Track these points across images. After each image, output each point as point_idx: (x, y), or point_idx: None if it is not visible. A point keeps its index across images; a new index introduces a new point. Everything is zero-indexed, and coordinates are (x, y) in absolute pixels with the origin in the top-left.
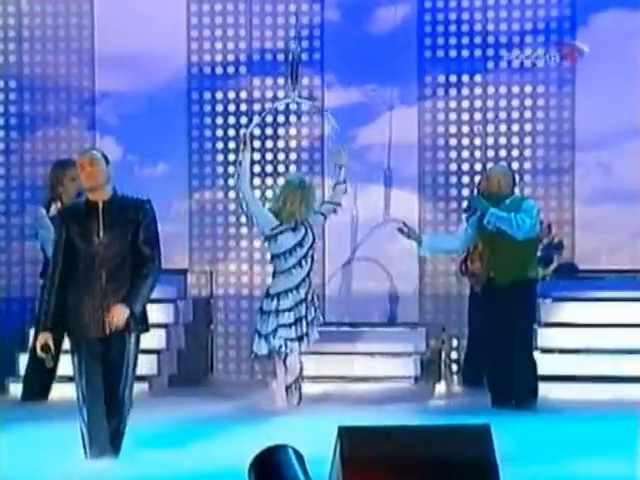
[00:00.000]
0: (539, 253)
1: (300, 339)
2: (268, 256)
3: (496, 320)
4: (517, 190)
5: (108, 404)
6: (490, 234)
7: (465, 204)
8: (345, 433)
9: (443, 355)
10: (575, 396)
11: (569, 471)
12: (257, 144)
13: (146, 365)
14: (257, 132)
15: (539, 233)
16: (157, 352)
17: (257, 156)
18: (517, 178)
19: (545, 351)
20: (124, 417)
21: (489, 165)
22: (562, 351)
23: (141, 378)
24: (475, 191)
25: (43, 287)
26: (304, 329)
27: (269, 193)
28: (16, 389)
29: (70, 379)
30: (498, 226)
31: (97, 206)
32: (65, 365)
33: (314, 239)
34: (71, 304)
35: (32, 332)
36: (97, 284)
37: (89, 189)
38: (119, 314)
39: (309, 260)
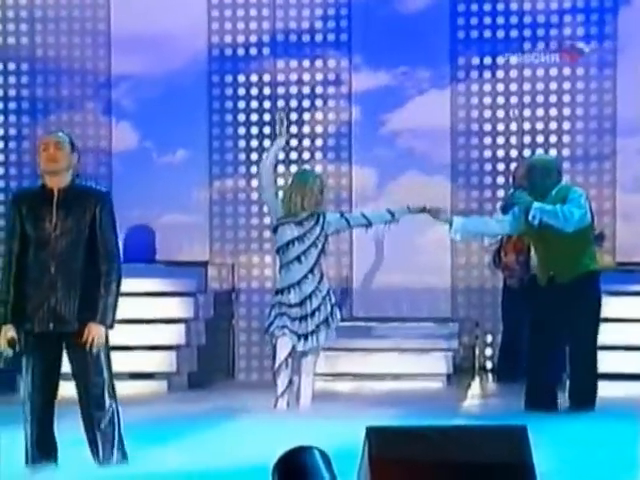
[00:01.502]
0: None
1: (305, 337)
2: None
3: (559, 319)
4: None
5: (84, 408)
6: (540, 230)
7: (504, 200)
8: (373, 433)
9: (477, 352)
10: (611, 394)
11: (612, 473)
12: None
13: (164, 362)
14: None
15: (591, 221)
16: (176, 348)
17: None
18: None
19: None
20: (112, 419)
21: (525, 152)
22: (603, 348)
23: (159, 375)
24: (510, 180)
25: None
26: (309, 327)
27: None
28: None
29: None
30: (545, 221)
31: (52, 193)
32: (66, 362)
33: (323, 236)
34: (19, 294)
35: None
36: (46, 275)
37: (47, 172)
38: (97, 334)
39: (311, 257)
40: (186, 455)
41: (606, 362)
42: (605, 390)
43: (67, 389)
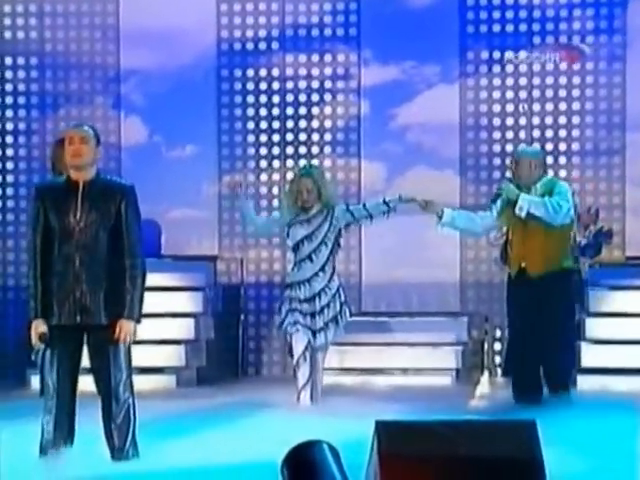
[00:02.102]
0: (585, 241)
1: (314, 334)
2: None
3: (531, 312)
4: (550, 172)
5: (102, 401)
6: (520, 221)
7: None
8: (382, 428)
9: (486, 346)
10: (623, 388)
11: (616, 467)
12: (290, 124)
13: (173, 357)
14: (290, 111)
15: (574, 218)
16: (185, 343)
17: (290, 137)
18: (549, 159)
19: (593, 342)
20: (128, 414)
21: (535, 146)
22: (611, 342)
23: (168, 370)
24: (509, 174)
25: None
26: (317, 325)
27: None
28: (37, 382)
29: (88, 371)
30: (532, 212)
31: (77, 186)
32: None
33: (332, 232)
34: (45, 288)
35: None
36: (70, 268)
37: (73, 167)
38: (128, 330)
39: (321, 254)
40: (194, 450)
41: (615, 356)
42: (613, 385)
43: (87, 381)
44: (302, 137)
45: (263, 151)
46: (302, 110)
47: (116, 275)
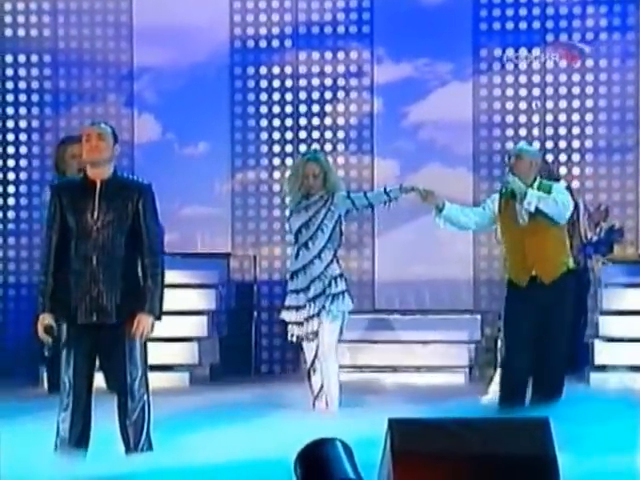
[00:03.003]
0: (596, 238)
1: (303, 323)
2: None
3: (535, 318)
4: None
5: (118, 398)
6: (516, 223)
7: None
8: (396, 426)
9: (499, 344)
10: (637, 386)
11: (630, 464)
12: (303, 121)
13: (186, 354)
14: (303, 109)
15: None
16: (198, 340)
17: (303, 134)
18: (562, 156)
19: (606, 339)
20: (143, 410)
21: (548, 144)
22: (625, 340)
23: (181, 367)
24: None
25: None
26: (310, 311)
27: None
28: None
29: (104, 368)
30: (541, 208)
31: (95, 185)
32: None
33: (330, 219)
34: (62, 286)
35: None
36: (88, 267)
37: (90, 163)
38: (146, 325)
39: (318, 241)
40: (207, 447)
41: (629, 354)
42: (627, 382)
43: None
44: (315, 135)
45: (276, 148)
46: (315, 108)
47: (133, 274)
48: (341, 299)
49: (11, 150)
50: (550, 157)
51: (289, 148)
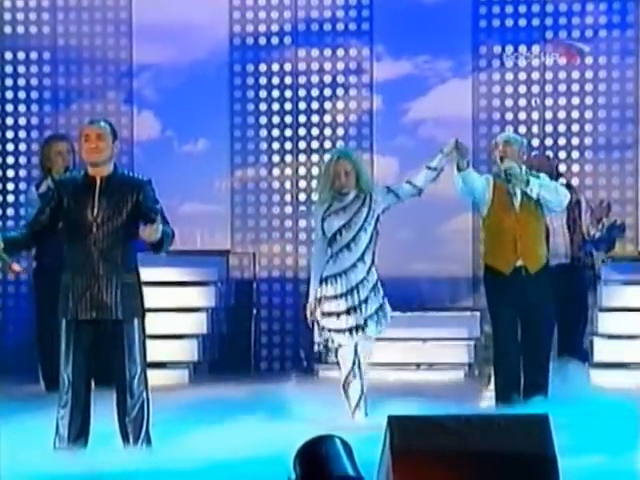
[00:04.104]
0: (598, 235)
1: (351, 331)
2: (314, 237)
3: (518, 309)
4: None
5: (117, 395)
6: (511, 212)
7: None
8: (395, 423)
9: None
10: (636, 383)
11: (629, 461)
12: (302, 119)
13: (186, 351)
14: (302, 106)
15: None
16: (197, 337)
17: (302, 131)
18: (561, 153)
19: (605, 337)
20: (142, 407)
21: (547, 141)
22: (624, 337)
23: (181, 364)
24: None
25: (35, 270)
26: (358, 320)
27: (315, 170)
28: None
29: (103, 365)
30: (542, 195)
31: (95, 181)
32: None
33: (372, 218)
34: (62, 283)
35: None
36: (89, 263)
37: (90, 164)
38: (153, 230)
39: (361, 242)
40: (207, 444)
41: (628, 351)
42: (626, 379)
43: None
44: (314, 132)
45: (275, 146)
46: (314, 105)
47: (133, 270)
48: (386, 304)
49: (10, 147)
50: (549, 154)
51: (288, 145)
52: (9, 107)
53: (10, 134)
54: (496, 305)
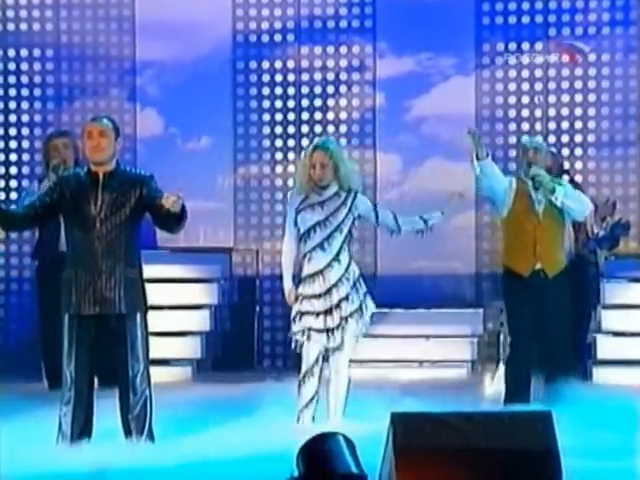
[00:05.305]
0: (602, 233)
1: (330, 330)
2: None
3: (543, 313)
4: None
5: (120, 392)
6: (532, 216)
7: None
8: (398, 420)
9: (501, 338)
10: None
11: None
12: (305, 116)
13: (189, 348)
14: (305, 103)
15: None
16: (200, 334)
17: (305, 129)
18: (565, 151)
19: (609, 334)
20: (145, 405)
21: (551, 138)
22: (627, 334)
23: (184, 362)
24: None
25: (38, 268)
26: (335, 320)
27: None
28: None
29: (106, 362)
30: (567, 204)
31: (97, 177)
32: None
33: (350, 219)
34: (65, 278)
35: None
36: (92, 259)
37: (94, 162)
38: (176, 200)
39: (336, 241)
40: (209, 441)
41: (631, 349)
42: (629, 377)
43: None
44: (317, 129)
45: (278, 143)
46: (317, 102)
47: (136, 265)
48: (367, 302)
49: (13, 144)
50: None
51: (291, 142)
52: (12, 104)
53: (13, 131)
54: (513, 307)
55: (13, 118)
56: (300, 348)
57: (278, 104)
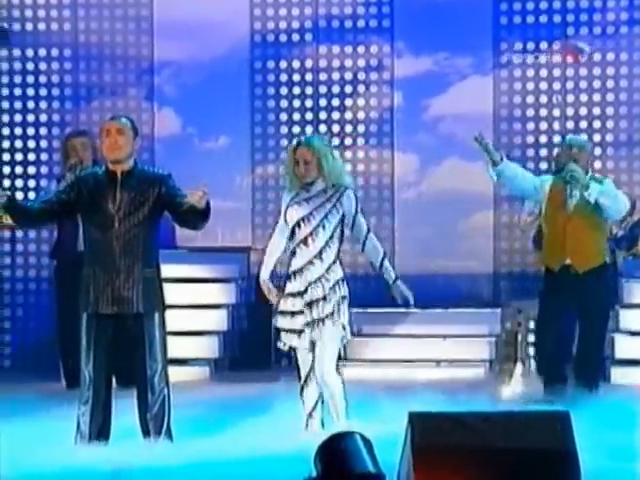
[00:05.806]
0: (621, 232)
1: (302, 332)
2: None
3: (572, 309)
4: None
5: (138, 392)
6: (564, 212)
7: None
8: (416, 420)
9: (519, 338)
10: None
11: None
12: (323, 115)
13: (207, 348)
14: (323, 103)
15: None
16: (218, 334)
17: (323, 128)
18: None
19: (627, 333)
20: (163, 404)
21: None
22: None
23: (202, 361)
24: (555, 164)
25: (56, 269)
26: (306, 319)
27: None
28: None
29: (124, 361)
30: (601, 201)
31: (115, 176)
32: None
33: (334, 216)
34: (84, 277)
35: None
36: (111, 258)
37: (112, 161)
38: (202, 195)
39: (319, 238)
40: (227, 440)
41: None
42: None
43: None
44: (335, 129)
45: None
46: (335, 102)
47: (154, 264)
48: (343, 307)
49: (32, 144)
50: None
51: None
52: (30, 104)
53: (31, 131)
54: (543, 300)
55: (31, 118)
56: (296, 357)
57: (296, 104)
